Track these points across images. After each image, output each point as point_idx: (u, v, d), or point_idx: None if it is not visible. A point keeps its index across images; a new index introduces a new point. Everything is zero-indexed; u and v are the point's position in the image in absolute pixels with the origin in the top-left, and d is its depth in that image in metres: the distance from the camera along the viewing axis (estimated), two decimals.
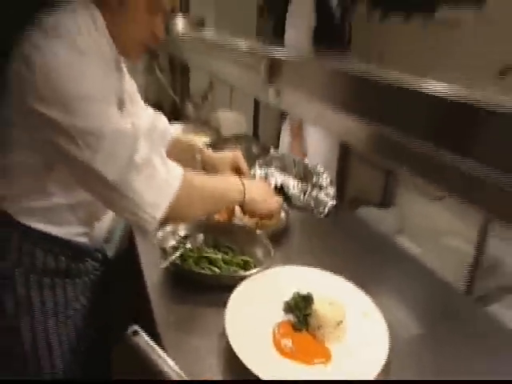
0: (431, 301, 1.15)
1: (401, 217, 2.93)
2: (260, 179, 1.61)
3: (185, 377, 0.76)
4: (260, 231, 1.25)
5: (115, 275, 1.37)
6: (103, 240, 1.27)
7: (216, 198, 1.10)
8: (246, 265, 1.12)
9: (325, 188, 1.53)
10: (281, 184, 1.58)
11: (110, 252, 1.40)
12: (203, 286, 1.05)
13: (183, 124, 2.19)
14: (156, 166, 0.94)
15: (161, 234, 1.16)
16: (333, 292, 0.98)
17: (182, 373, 0.76)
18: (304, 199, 1.53)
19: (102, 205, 1.02)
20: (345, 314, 0.91)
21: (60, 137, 0.90)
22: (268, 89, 1.00)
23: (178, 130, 1.98)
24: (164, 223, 1.02)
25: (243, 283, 1.00)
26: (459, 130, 0.55)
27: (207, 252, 1.14)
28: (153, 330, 0.91)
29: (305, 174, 1.60)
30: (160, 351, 0.77)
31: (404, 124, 0.64)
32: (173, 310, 1.01)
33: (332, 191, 1.53)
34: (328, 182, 1.54)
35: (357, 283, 1.04)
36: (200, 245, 1.16)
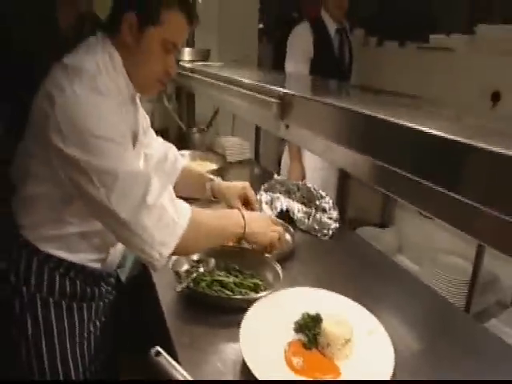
0: (431, 317, 1.20)
1: (399, 236, 2.98)
2: (266, 204, 1.68)
3: None
4: (268, 254, 1.30)
5: (128, 299, 1.41)
6: (116, 265, 1.32)
7: (218, 234, 1.17)
8: (257, 287, 1.17)
9: (328, 211, 1.59)
10: (286, 208, 1.65)
11: (123, 276, 1.45)
12: (215, 308, 1.10)
13: (190, 151, 2.25)
14: (166, 207, 0.99)
15: (174, 258, 1.21)
16: (339, 311, 1.03)
17: None
18: (308, 222, 1.60)
19: None
20: (352, 332, 0.96)
21: (76, 173, 0.95)
22: (280, 124, 1.07)
23: (186, 159, 2.05)
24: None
25: (255, 305, 1.05)
26: (445, 164, 0.62)
27: (219, 275, 1.20)
28: (170, 351, 0.93)
29: (308, 198, 1.66)
30: (182, 370, 0.82)
31: (397, 156, 0.71)
32: (188, 331, 1.05)
33: (335, 214, 1.59)
34: (331, 205, 1.61)
35: (360, 302, 1.09)
36: (212, 269, 1.21)
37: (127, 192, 0.95)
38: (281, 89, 1.05)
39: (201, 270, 1.19)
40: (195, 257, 1.28)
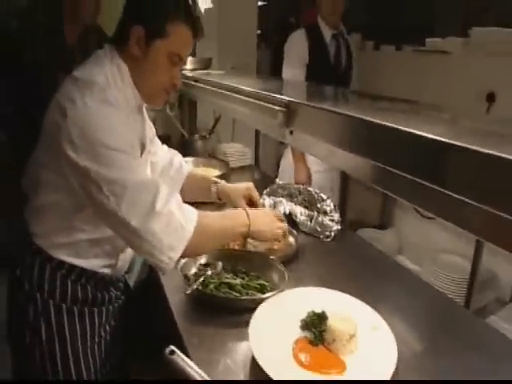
0: (432, 315, 1.23)
1: (399, 237, 3.01)
2: (269, 208, 1.71)
3: None
4: (273, 256, 1.34)
5: (136, 303, 1.44)
6: (125, 270, 1.35)
7: (225, 234, 1.20)
8: (263, 288, 1.21)
9: (329, 213, 1.63)
10: (289, 211, 1.69)
11: (131, 281, 1.49)
12: (223, 309, 1.14)
13: (192, 158, 2.28)
14: (174, 212, 1.02)
15: (183, 262, 1.24)
16: (343, 309, 1.07)
17: None
18: (311, 225, 1.64)
19: None
20: (356, 328, 1.00)
21: (87, 182, 0.98)
22: (284, 130, 1.12)
23: (190, 165, 2.08)
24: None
25: (262, 305, 1.09)
26: (441, 165, 0.66)
27: (227, 278, 1.23)
28: (181, 351, 0.95)
29: (309, 201, 1.70)
30: (197, 367, 0.85)
31: (396, 159, 0.75)
32: (197, 332, 1.08)
33: (336, 216, 1.63)
34: (332, 208, 1.64)
35: (363, 300, 1.13)
36: (220, 271, 1.25)
37: (136, 200, 0.98)
38: (286, 97, 1.09)
39: (209, 273, 1.23)
40: (203, 260, 1.31)
